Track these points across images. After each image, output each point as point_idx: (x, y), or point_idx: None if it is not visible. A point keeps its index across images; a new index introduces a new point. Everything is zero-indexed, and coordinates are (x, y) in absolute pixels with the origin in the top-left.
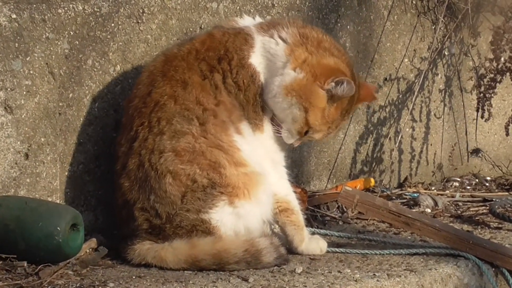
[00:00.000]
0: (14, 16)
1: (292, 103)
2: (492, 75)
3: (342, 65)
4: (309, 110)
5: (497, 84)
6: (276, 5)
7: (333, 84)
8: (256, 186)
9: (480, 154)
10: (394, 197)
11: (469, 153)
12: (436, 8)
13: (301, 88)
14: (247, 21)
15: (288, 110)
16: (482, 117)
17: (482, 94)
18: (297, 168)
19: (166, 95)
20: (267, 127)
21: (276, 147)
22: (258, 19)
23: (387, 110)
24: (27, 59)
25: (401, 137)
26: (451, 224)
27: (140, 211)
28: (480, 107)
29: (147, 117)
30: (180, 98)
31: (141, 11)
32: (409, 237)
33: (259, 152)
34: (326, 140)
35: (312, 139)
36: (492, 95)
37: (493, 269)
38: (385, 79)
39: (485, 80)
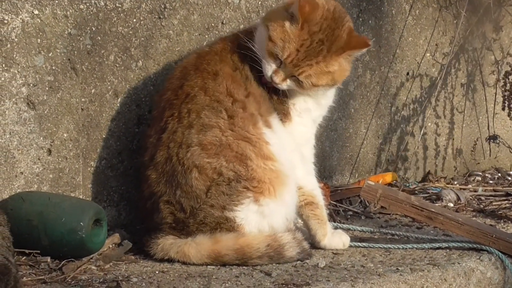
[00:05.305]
0: (36, 12)
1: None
2: None
3: None
4: (269, 28)
5: None
6: None
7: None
8: (281, 186)
9: (497, 141)
10: (416, 192)
11: (486, 140)
12: (458, 2)
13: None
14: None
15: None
16: (503, 109)
17: (503, 89)
18: (320, 163)
19: (197, 87)
20: (295, 115)
21: (307, 138)
22: None
23: (409, 104)
24: (50, 55)
25: (424, 131)
26: (473, 218)
27: (166, 204)
28: (502, 101)
29: (177, 108)
30: (210, 89)
31: (162, 6)
32: (432, 231)
33: (288, 146)
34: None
35: (288, 69)
36: None
37: None
38: (407, 73)
39: (510, 77)
